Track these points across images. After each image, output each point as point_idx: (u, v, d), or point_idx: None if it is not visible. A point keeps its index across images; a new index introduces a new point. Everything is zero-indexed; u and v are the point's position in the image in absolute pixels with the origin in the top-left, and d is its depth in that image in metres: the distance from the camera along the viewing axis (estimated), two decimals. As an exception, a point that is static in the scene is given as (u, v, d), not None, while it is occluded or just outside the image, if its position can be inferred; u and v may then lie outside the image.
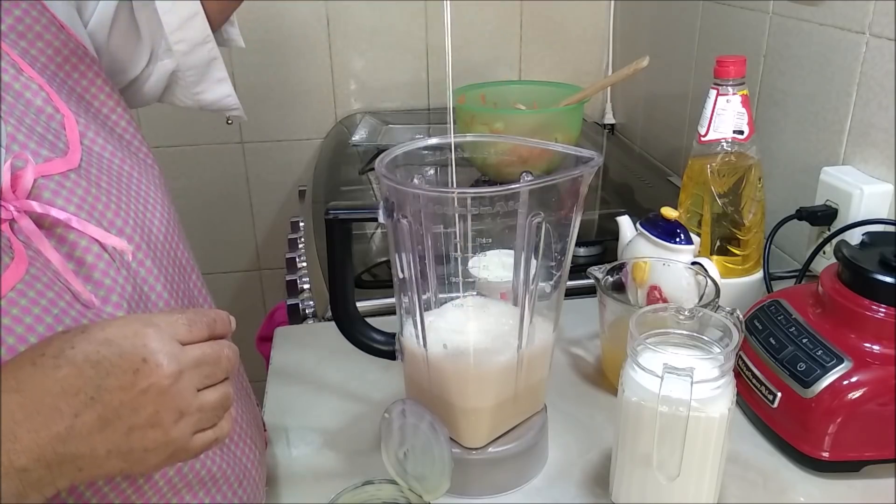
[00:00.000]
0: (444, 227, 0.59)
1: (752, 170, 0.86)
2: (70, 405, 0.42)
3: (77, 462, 0.43)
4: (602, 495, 0.65)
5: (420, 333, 0.62)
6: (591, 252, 1.06)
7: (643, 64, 1.09)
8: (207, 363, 0.46)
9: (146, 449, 0.44)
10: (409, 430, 0.59)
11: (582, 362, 0.84)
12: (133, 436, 0.43)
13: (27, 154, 0.52)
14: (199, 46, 0.73)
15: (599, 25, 1.64)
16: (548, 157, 0.87)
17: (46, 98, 0.56)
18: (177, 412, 0.44)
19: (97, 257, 0.53)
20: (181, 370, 0.44)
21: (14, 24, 0.56)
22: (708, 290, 0.74)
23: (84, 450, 0.42)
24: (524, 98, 1.28)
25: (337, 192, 1.29)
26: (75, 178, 0.54)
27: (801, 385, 0.66)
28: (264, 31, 1.54)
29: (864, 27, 0.85)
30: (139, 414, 0.43)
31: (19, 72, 0.55)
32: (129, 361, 0.43)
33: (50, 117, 0.56)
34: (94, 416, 0.42)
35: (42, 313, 0.48)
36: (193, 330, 0.46)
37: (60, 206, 0.52)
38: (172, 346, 0.44)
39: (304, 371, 0.83)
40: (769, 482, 0.67)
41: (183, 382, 0.44)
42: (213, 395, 0.47)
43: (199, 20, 0.72)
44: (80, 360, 0.42)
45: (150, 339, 0.44)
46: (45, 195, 0.52)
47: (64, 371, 0.42)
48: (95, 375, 0.42)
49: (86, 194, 0.54)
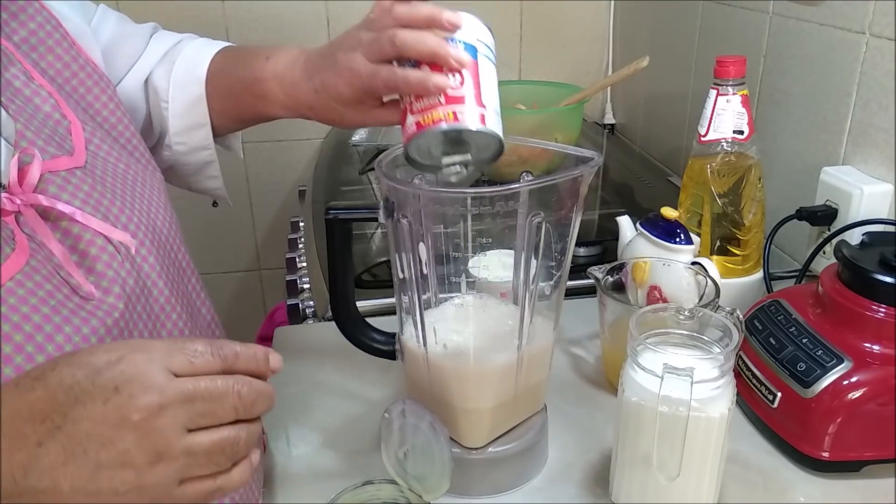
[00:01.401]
0: (444, 227, 0.59)
1: (752, 170, 0.86)
2: (35, 432, 0.38)
3: (39, 496, 0.38)
4: (602, 495, 0.65)
5: (420, 333, 0.62)
6: (591, 252, 1.06)
7: (643, 64, 1.09)
8: (203, 399, 0.40)
9: (116, 492, 0.39)
10: (409, 430, 0.59)
11: (582, 362, 0.84)
12: (100, 475, 0.38)
13: (34, 150, 0.53)
14: (199, 151, 0.76)
15: (599, 25, 1.64)
16: (548, 157, 0.87)
17: (55, 105, 0.58)
18: (153, 453, 0.39)
19: (101, 250, 0.53)
20: (162, 404, 0.38)
21: (28, 37, 0.59)
22: (708, 290, 0.74)
23: (46, 484, 0.38)
24: (524, 98, 1.28)
25: (337, 192, 1.29)
26: (81, 175, 0.55)
27: (801, 385, 0.66)
28: (264, 31, 1.54)
29: (864, 27, 0.85)
30: (107, 450, 0.38)
31: (30, 79, 0.57)
32: (101, 389, 0.38)
33: (57, 122, 0.57)
34: (57, 448, 0.38)
35: (39, 303, 0.48)
36: (198, 361, 0.41)
37: (66, 201, 0.53)
38: (157, 377, 0.39)
39: (304, 371, 0.83)
40: (769, 482, 0.67)
41: (163, 419, 0.39)
42: (207, 437, 0.40)
43: (204, 131, 0.74)
44: (54, 383, 0.39)
45: (131, 366, 0.39)
46: (52, 189, 0.53)
47: (37, 394, 0.39)
48: (65, 402, 0.38)
49: (91, 190, 0.55)
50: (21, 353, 0.46)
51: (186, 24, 1.50)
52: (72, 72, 0.61)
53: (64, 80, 0.60)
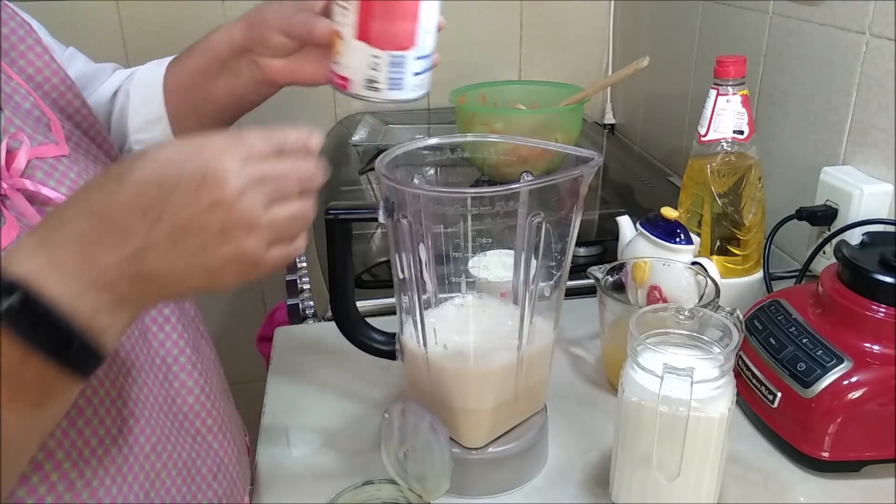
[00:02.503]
0: (444, 227, 0.59)
1: (752, 170, 0.86)
2: (141, 223, 0.42)
3: (157, 279, 0.43)
4: (602, 495, 0.65)
5: (420, 333, 0.62)
6: (591, 252, 1.06)
7: (643, 64, 1.09)
8: (274, 179, 0.45)
9: (221, 265, 0.44)
10: (409, 430, 0.59)
11: (582, 362, 0.84)
12: (206, 251, 0.43)
13: (23, 135, 0.54)
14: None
15: (599, 25, 1.64)
16: (548, 157, 0.87)
17: (34, 103, 0.59)
18: (246, 227, 0.44)
19: None
20: (243, 187, 0.43)
21: (3, 38, 0.60)
22: (708, 290, 0.74)
23: (161, 266, 0.43)
24: (524, 98, 1.28)
25: (337, 192, 1.29)
26: (67, 163, 0.57)
27: (801, 385, 0.66)
28: (264, 31, 1.54)
29: (864, 27, 0.85)
30: (207, 229, 0.43)
31: (9, 77, 0.59)
32: (191, 178, 0.43)
33: (38, 119, 0.59)
34: (164, 233, 0.42)
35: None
36: (255, 149, 0.46)
37: (52, 187, 0.54)
38: (232, 163, 0.43)
39: (304, 371, 0.83)
40: (769, 482, 0.67)
41: (247, 199, 0.44)
42: (284, 210, 0.46)
43: (162, 125, 0.77)
44: (143, 180, 0.43)
45: (210, 156, 0.43)
46: (38, 175, 0.54)
47: (129, 191, 0.42)
48: (160, 194, 0.42)
49: (77, 178, 0.56)
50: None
51: (186, 25, 1.51)
52: (46, 75, 0.63)
53: (42, 80, 0.62)
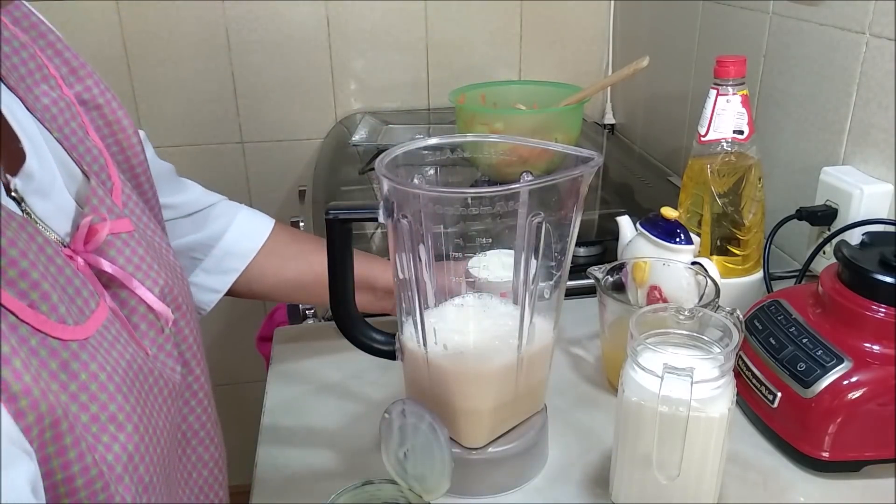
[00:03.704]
0: (444, 227, 0.59)
1: (752, 170, 0.86)
2: None
3: None
4: (602, 495, 0.65)
5: (420, 333, 0.62)
6: (591, 252, 1.06)
7: (643, 64, 1.09)
8: None
9: None
10: (409, 431, 0.59)
11: (582, 362, 0.84)
12: None
13: (105, 211, 0.55)
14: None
15: (599, 25, 1.64)
16: (548, 157, 0.87)
17: (103, 165, 0.60)
18: None
19: (142, 318, 0.56)
20: None
21: (82, 92, 0.62)
22: (708, 290, 0.74)
23: None
24: (524, 98, 1.28)
25: (337, 192, 1.29)
26: (137, 239, 0.58)
27: (801, 385, 0.66)
28: (264, 31, 1.54)
29: (864, 27, 0.85)
30: None
31: (86, 135, 0.60)
32: None
33: (102, 183, 0.59)
34: None
35: (123, 349, 0.51)
36: None
37: (121, 265, 0.55)
38: None
39: (304, 371, 0.83)
40: (769, 482, 0.67)
41: None
42: None
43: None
44: None
45: None
46: (111, 252, 0.55)
47: None
48: None
49: (145, 255, 0.57)
50: (120, 392, 0.49)
51: (186, 25, 1.51)
52: (114, 130, 0.63)
53: (111, 136, 0.63)
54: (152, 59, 1.53)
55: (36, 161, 0.52)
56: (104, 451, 0.46)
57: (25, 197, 0.50)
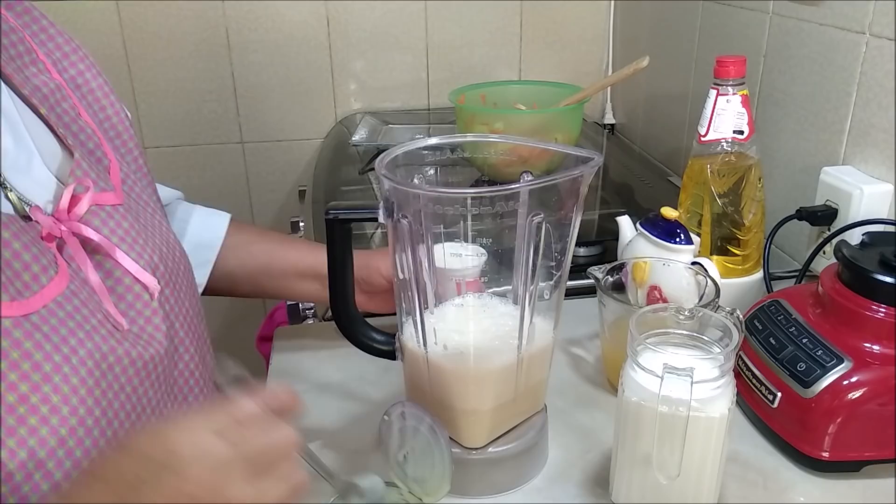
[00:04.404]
0: (444, 227, 0.59)
1: (752, 170, 0.86)
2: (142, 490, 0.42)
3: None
4: (602, 495, 0.65)
5: (420, 333, 0.62)
6: (591, 252, 1.06)
7: (643, 64, 1.09)
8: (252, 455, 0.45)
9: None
10: (409, 433, 0.59)
11: (582, 362, 0.84)
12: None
13: (90, 181, 0.56)
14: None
15: (599, 25, 1.64)
16: (548, 157, 0.87)
17: (98, 143, 0.62)
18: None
19: (127, 288, 0.56)
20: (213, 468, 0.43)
21: (75, 76, 0.64)
22: (708, 290, 0.74)
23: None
24: (524, 98, 1.28)
25: (337, 192, 1.29)
26: (123, 212, 0.59)
27: (801, 385, 0.66)
28: (264, 31, 1.54)
29: (864, 27, 0.85)
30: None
31: (77, 115, 0.62)
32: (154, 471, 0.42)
33: (98, 160, 0.61)
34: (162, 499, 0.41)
35: (76, 327, 0.51)
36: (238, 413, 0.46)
37: (106, 235, 0.56)
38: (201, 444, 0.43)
39: (304, 371, 0.83)
40: (769, 482, 0.67)
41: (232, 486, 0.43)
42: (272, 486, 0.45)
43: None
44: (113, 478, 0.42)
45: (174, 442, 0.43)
46: (95, 222, 0.56)
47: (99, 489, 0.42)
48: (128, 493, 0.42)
49: (129, 228, 0.58)
50: (58, 372, 0.48)
51: (186, 24, 1.51)
52: (108, 114, 0.65)
53: (104, 118, 0.65)
54: (152, 59, 1.53)
55: (11, 139, 0.54)
56: (26, 435, 0.46)
57: (1, 172, 0.52)
